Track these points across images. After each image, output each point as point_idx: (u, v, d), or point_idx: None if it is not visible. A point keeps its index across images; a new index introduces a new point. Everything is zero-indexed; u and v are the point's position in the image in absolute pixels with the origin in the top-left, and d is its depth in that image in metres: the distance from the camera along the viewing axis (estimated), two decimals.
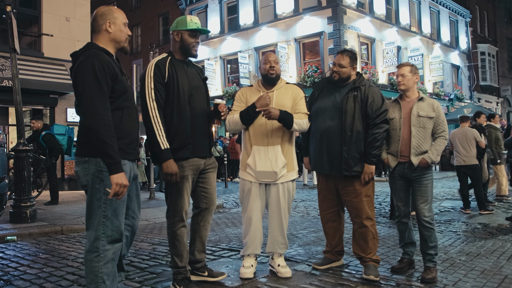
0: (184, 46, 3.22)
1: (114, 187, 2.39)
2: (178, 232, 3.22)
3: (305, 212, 7.38)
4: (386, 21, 21.03)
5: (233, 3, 22.49)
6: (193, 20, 3.22)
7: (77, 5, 11.62)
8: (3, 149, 4.95)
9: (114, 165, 2.40)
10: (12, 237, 5.25)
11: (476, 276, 3.59)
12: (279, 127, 3.55)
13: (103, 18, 2.62)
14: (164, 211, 3.41)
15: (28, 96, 8.97)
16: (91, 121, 2.39)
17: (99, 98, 2.42)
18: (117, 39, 2.65)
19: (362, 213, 3.58)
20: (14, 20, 6.36)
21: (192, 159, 3.18)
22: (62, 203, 8.47)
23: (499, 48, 31.01)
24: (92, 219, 2.51)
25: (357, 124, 3.54)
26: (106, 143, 2.38)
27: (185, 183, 3.17)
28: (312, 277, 3.58)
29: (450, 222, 6.13)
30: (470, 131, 7.16)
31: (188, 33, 3.20)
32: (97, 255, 2.49)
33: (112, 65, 2.52)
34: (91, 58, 2.45)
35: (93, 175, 2.49)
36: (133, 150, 2.67)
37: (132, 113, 2.67)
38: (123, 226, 2.61)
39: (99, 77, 2.43)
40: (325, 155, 3.64)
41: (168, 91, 3.11)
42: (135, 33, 28.40)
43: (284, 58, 19.44)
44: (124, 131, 2.57)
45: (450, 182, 12.54)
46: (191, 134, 3.16)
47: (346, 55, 3.68)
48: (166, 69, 3.11)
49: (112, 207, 2.51)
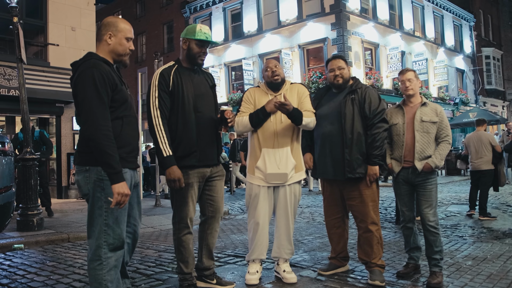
0: (190, 55, 3.24)
1: (116, 196, 2.41)
2: (183, 239, 3.24)
3: (311, 218, 7.37)
4: (390, 26, 21.05)
5: (237, 11, 22.62)
6: (202, 30, 3.23)
7: (83, 15, 11.73)
8: (11, 158, 5.00)
9: (115, 175, 2.42)
10: (19, 245, 5.29)
11: (483, 280, 3.57)
12: (288, 129, 3.57)
13: (106, 28, 2.64)
14: (170, 218, 3.43)
15: (34, 105, 9.04)
16: (91, 132, 2.42)
17: (99, 108, 2.44)
18: (115, 52, 2.65)
19: (367, 218, 3.58)
20: (20, 30, 6.44)
21: (198, 168, 3.20)
22: (69, 211, 8.52)
23: (503, 51, 30.93)
24: (94, 227, 2.53)
25: (357, 126, 3.56)
26: (107, 153, 2.40)
27: (190, 190, 3.19)
28: (318, 283, 3.58)
29: (456, 227, 6.10)
30: (485, 135, 7.05)
31: (195, 42, 3.22)
32: (100, 263, 2.51)
33: (111, 75, 2.54)
34: (90, 68, 2.48)
35: (94, 184, 2.51)
36: (133, 159, 2.69)
37: (132, 122, 2.69)
38: (125, 233, 2.63)
39: (99, 87, 2.45)
40: (328, 160, 3.66)
41: (173, 99, 3.14)
42: (140, 41, 28.59)
43: (288, 65, 19.49)
44: (124, 140, 2.59)
45: (456, 186, 12.48)
46: (197, 142, 3.18)
47: (339, 58, 3.76)
48: (171, 78, 3.15)
49: (114, 215, 2.53)
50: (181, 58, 3.31)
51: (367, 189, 3.60)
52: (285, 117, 3.54)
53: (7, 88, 9.65)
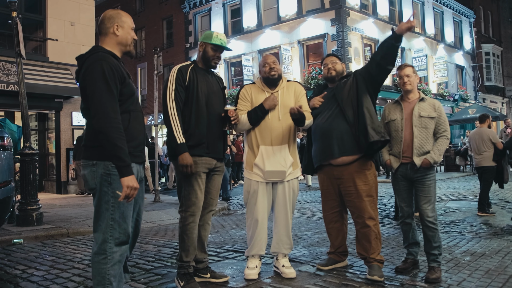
0: (205, 57, 3.47)
1: (125, 189, 2.40)
2: (188, 227, 3.32)
3: (310, 214, 7.39)
4: (390, 22, 21.01)
5: (236, 6, 22.56)
6: (219, 37, 3.46)
7: (82, 10, 11.70)
8: (10, 153, 5.00)
9: (125, 168, 2.42)
10: (18, 240, 5.30)
11: (481, 276, 3.58)
12: (285, 126, 3.60)
13: (111, 21, 2.64)
14: (169, 214, 3.47)
15: (33, 100, 9.03)
16: (101, 124, 2.40)
17: (109, 101, 2.44)
18: (123, 43, 2.68)
19: (364, 213, 3.59)
20: (19, 25, 6.42)
21: (206, 157, 3.36)
22: (68, 206, 8.53)
23: (503, 48, 30.90)
24: (100, 221, 2.53)
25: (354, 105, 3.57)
26: (117, 146, 2.40)
27: (198, 179, 3.33)
28: (317, 278, 3.59)
29: (455, 223, 6.12)
30: (486, 132, 6.98)
31: (211, 46, 3.44)
32: (105, 257, 2.51)
33: (120, 68, 2.55)
34: (100, 61, 2.47)
35: (101, 178, 2.51)
36: (140, 153, 2.70)
37: (139, 116, 2.71)
38: (130, 228, 2.64)
39: (109, 80, 2.45)
40: (334, 141, 3.59)
41: (188, 94, 3.34)
42: (139, 36, 28.49)
43: (287, 60, 19.46)
44: (131, 134, 2.60)
45: (455, 183, 12.50)
46: (207, 135, 3.36)
47: (332, 56, 3.88)
48: (187, 74, 3.37)
49: (120, 210, 2.53)
50: (197, 60, 3.53)
51: (363, 184, 3.60)
52: (282, 115, 3.58)
53: (6, 83, 9.63)
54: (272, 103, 3.54)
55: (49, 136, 12.16)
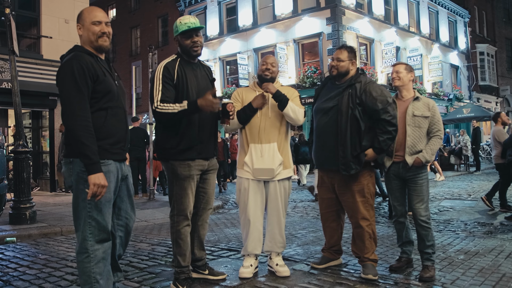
0: (183, 50, 3.28)
1: (91, 187, 2.40)
2: (182, 231, 3.24)
3: (304, 212, 7.39)
4: (385, 21, 21.06)
5: (232, 4, 22.51)
6: (183, 21, 3.22)
7: (76, 7, 11.61)
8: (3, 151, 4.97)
9: (92, 166, 2.41)
10: (11, 238, 5.27)
11: (474, 274, 3.60)
12: (274, 125, 3.60)
13: (77, 23, 2.65)
14: (163, 212, 3.44)
15: (27, 98, 8.97)
16: (69, 122, 2.44)
17: (77, 99, 2.44)
18: (88, 40, 2.63)
19: (357, 213, 3.58)
20: (13, 22, 6.37)
21: (198, 160, 3.25)
22: (62, 204, 8.48)
23: (498, 48, 31.03)
24: (79, 220, 2.53)
25: (353, 124, 3.47)
26: (82, 144, 2.40)
27: (191, 182, 3.23)
28: (311, 276, 3.59)
29: (449, 222, 6.14)
30: (494, 130, 7.27)
31: (181, 36, 3.23)
32: (87, 256, 2.50)
33: (93, 66, 2.53)
34: (70, 60, 2.50)
35: (77, 176, 2.51)
36: (119, 150, 2.67)
37: (119, 113, 2.67)
38: (110, 225, 2.61)
39: (78, 78, 2.45)
40: (324, 152, 3.64)
41: (177, 92, 3.17)
42: (134, 34, 28.42)
43: (283, 59, 19.45)
44: (107, 132, 2.58)
45: (449, 182, 12.55)
46: (198, 135, 3.22)
47: (344, 50, 3.69)
48: (175, 71, 3.18)
49: (98, 207, 2.51)
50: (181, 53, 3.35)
51: (356, 185, 3.58)
52: (271, 113, 3.58)
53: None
54: (260, 101, 3.49)
55: (43, 134, 12.08)
